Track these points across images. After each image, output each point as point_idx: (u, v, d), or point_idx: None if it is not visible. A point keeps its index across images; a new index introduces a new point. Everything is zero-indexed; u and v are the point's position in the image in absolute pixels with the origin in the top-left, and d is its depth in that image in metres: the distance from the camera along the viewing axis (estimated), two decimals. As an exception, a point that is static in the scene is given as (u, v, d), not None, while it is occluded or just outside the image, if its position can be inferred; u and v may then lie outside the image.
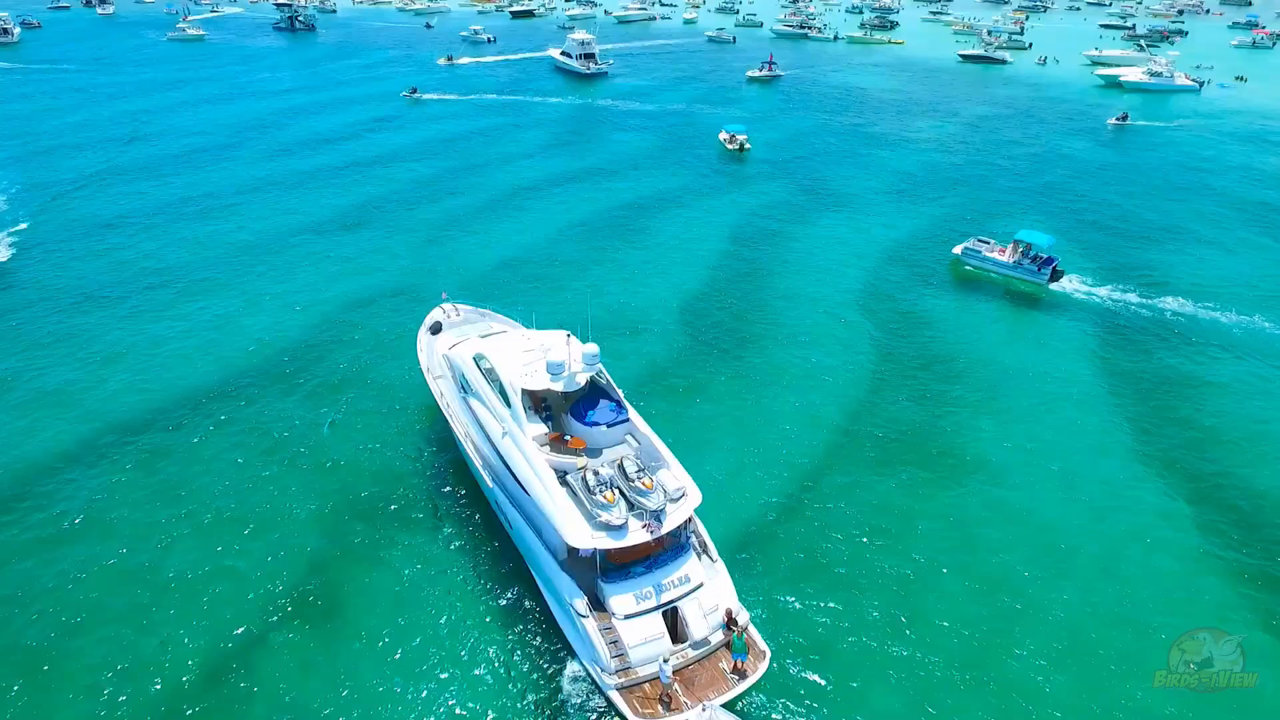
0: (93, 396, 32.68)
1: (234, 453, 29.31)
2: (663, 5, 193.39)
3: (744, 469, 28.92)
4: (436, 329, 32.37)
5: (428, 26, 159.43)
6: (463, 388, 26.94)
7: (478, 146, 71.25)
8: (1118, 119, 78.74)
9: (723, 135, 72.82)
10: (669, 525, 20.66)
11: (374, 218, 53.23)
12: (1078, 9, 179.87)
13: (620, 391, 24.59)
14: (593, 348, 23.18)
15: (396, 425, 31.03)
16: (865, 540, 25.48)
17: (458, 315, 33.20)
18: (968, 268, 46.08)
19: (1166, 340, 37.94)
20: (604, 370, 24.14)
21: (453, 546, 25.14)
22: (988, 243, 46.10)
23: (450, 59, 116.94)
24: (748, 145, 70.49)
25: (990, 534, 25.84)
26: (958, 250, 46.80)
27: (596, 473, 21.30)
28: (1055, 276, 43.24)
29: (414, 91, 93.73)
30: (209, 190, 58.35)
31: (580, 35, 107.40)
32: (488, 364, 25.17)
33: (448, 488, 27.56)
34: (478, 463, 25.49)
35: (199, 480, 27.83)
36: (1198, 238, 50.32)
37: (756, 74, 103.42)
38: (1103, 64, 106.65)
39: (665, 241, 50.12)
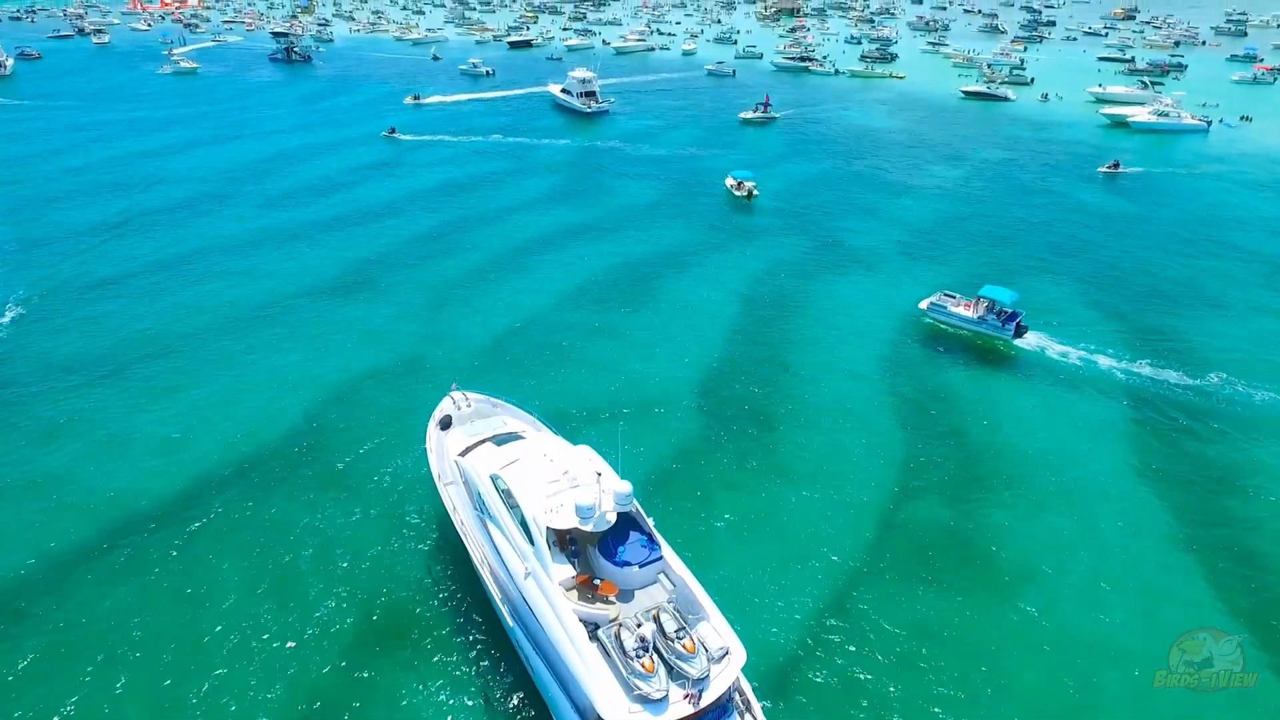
0: (62, 498, 30.55)
1: (215, 569, 27.12)
2: (661, 35, 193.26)
3: (770, 582, 26.91)
4: (446, 423, 30.47)
5: (435, 59, 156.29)
6: (478, 506, 25.02)
7: (478, 196, 69.62)
8: (1109, 166, 76.55)
9: (729, 181, 71.39)
10: (713, 693, 18.70)
11: (373, 280, 51.34)
12: (1074, 39, 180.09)
13: (651, 521, 22.73)
14: (625, 487, 21.33)
15: (404, 536, 28.92)
16: (912, 674, 23.50)
17: (468, 406, 31.33)
18: (929, 320, 45.61)
19: (1191, 417, 36.26)
20: (634, 499, 22.26)
21: (466, 687, 23.00)
22: (954, 297, 45.64)
23: (417, 98, 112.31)
24: (755, 192, 69.08)
25: (1031, 661, 23.97)
26: (923, 305, 46.09)
27: (636, 635, 19.33)
28: (1019, 332, 43.06)
29: (392, 131, 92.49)
30: (201, 248, 56.50)
31: (581, 73, 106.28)
32: (505, 486, 23.29)
33: (461, 616, 25.39)
34: (496, 595, 23.49)
35: (177, 603, 25.66)
36: (1220, 301, 48.76)
37: (750, 115, 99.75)
38: (1107, 101, 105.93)
39: (678, 305, 48.38)
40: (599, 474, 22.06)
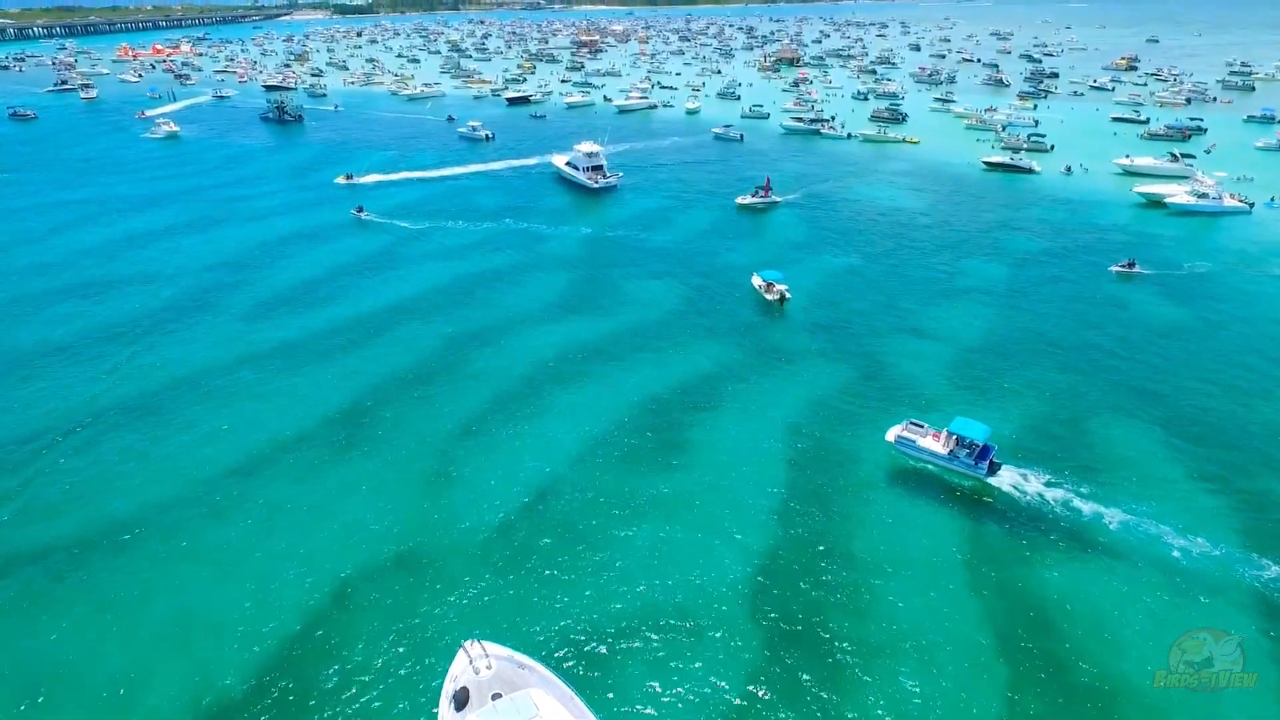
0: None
1: None
2: (662, 89, 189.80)
3: None
4: (463, 699, 24.47)
5: (450, 119, 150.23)
6: None
7: (480, 305, 63.73)
8: (1124, 266, 70.22)
9: (757, 282, 65.84)
10: None
11: (363, 431, 45.13)
12: (1081, 94, 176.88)
13: None
14: None
15: None
16: None
17: (488, 667, 25.45)
18: (904, 455, 42.12)
19: None
20: None
21: None
22: (921, 427, 42.22)
23: (349, 177, 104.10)
24: (788, 296, 63.48)
25: None
26: (891, 436, 42.35)
27: None
28: (993, 470, 40.35)
29: (360, 210, 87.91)
30: (163, 385, 50.78)
31: (587, 146, 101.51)
32: None
33: None
34: None
35: None
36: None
37: (748, 200, 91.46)
38: (1136, 174, 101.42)
39: (715, 464, 42.26)
40: None
